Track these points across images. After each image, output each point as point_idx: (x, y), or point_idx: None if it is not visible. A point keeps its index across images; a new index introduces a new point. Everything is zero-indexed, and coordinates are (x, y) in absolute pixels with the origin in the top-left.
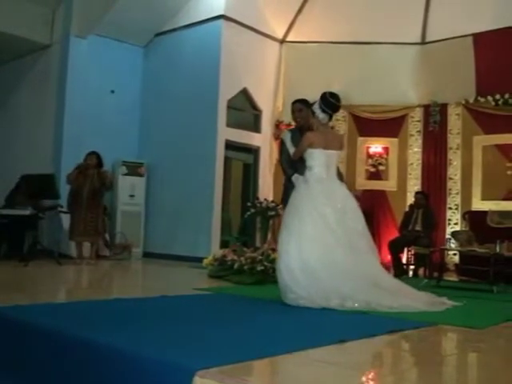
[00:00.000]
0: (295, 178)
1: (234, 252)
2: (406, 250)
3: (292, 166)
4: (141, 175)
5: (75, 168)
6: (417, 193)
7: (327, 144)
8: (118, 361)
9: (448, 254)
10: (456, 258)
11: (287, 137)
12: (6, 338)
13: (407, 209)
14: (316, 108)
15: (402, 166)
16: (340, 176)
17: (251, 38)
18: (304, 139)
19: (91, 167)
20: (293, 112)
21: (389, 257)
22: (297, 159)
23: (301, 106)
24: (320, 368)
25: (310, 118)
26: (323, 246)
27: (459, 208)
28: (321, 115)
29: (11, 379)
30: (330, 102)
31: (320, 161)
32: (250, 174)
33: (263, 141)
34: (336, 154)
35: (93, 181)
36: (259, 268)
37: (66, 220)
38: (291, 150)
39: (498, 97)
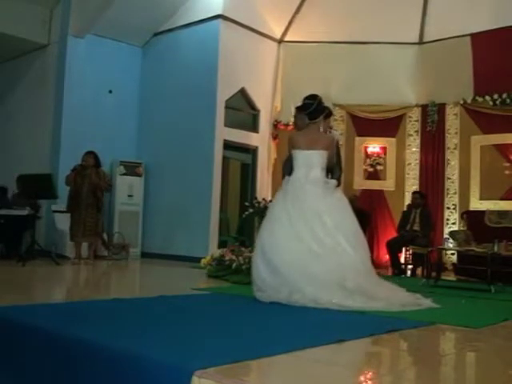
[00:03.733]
0: (285, 180)
1: (232, 252)
2: (404, 249)
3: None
4: (139, 175)
5: (72, 170)
6: (414, 192)
7: (309, 144)
8: (116, 361)
9: (446, 254)
10: (454, 258)
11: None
12: (3, 339)
13: (405, 208)
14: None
15: (400, 165)
16: (335, 174)
17: (249, 38)
18: (288, 141)
19: (89, 167)
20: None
21: (387, 256)
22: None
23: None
24: (318, 368)
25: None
26: (286, 244)
27: (457, 208)
28: (302, 117)
29: (9, 379)
30: (301, 103)
31: (298, 161)
32: (248, 173)
33: (261, 141)
34: (318, 154)
35: (91, 181)
36: None
37: (63, 220)
38: None
39: (495, 96)
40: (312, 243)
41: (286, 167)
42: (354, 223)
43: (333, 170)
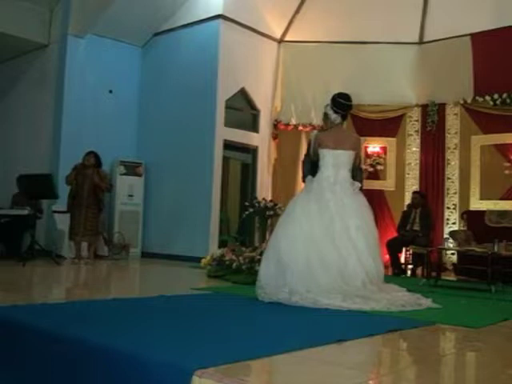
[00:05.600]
0: (308, 179)
1: (232, 252)
2: (404, 249)
3: (314, 167)
4: (139, 175)
5: (72, 169)
6: (414, 192)
7: (337, 144)
8: (116, 361)
9: (446, 254)
10: (454, 258)
11: (313, 137)
12: (3, 339)
13: (405, 208)
14: (328, 109)
15: (400, 165)
16: (358, 176)
17: (249, 38)
18: (313, 139)
19: (89, 167)
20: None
21: (387, 256)
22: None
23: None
24: (318, 368)
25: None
26: (299, 246)
27: (457, 208)
28: (333, 116)
29: (9, 379)
30: (339, 102)
31: (326, 161)
32: (248, 173)
33: (261, 140)
34: (346, 154)
35: (92, 180)
36: (257, 268)
37: (63, 220)
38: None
39: (496, 96)
40: (325, 246)
41: (306, 167)
42: (374, 227)
43: (354, 171)
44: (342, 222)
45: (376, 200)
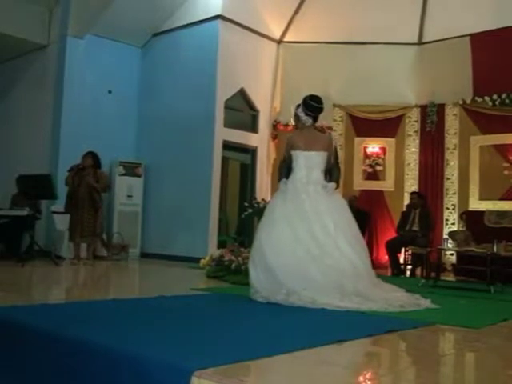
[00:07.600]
0: (282, 181)
1: (231, 252)
2: (403, 249)
3: (289, 170)
4: (138, 175)
5: (68, 170)
6: (412, 193)
7: (308, 145)
8: (115, 361)
9: (445, 254)
10: (453, 258)
11: (286, 140)
12: (3, 339)
13: (404, 209)
14: (299, 112)
15: (400, 166)
16: (334, 174)
17: (248, 39)
18: (286, 142)
19: (87, 167)
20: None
21: (386, 257)
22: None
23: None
24: (318, 368)
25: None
26: (284, 247)
27: (456, 208)
28: (304, 118)
29: (9, 380)
30: (310, 104)
31: (299, 162)
32: (247, 174)
33: (260, 141)
34: (319, 155)
35: (88, 182)
36: None
37: (62, 221)
38: None
39: (495, 97)
40: (311, 245)
41: (282, 169)
42: (353, 225)
43: (331, 171)
44: (320, 220)
45: (375, 200)
